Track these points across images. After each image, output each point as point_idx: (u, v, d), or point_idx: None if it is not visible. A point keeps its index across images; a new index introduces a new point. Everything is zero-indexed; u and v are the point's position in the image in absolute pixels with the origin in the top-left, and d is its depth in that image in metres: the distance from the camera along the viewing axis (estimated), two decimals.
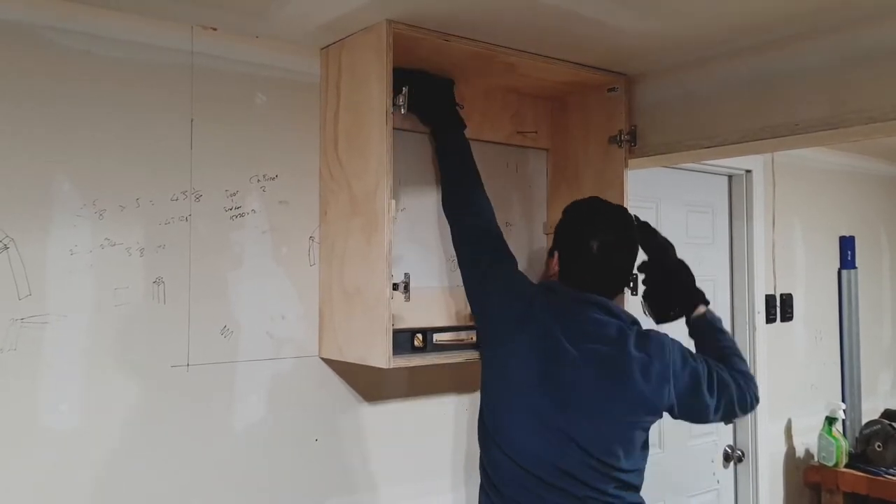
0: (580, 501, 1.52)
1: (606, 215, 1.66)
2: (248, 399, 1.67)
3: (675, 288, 1.76)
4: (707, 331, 1.73)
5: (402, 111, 1.58)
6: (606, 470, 1.53)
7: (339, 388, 1.81)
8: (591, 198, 1.75)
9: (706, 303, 1.77)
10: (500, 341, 1.58)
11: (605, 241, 1.58)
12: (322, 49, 1.76)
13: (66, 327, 1.44)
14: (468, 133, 1.88)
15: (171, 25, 1.57)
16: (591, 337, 1.53)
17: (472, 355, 1.76)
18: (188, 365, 1.58)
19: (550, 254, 1.72)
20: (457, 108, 1.85)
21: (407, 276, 1.60)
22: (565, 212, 1.72)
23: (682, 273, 1.78)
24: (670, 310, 1.76)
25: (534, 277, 1.95)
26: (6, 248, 1.39)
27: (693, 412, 1.56)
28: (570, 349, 1.51)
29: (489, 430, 1.61)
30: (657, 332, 1.58)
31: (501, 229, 1.78)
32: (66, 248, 1.45)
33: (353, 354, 1.65)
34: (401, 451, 1.92)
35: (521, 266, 1.95)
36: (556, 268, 1.65)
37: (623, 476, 1.55)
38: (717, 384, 1.56)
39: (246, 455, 1.66)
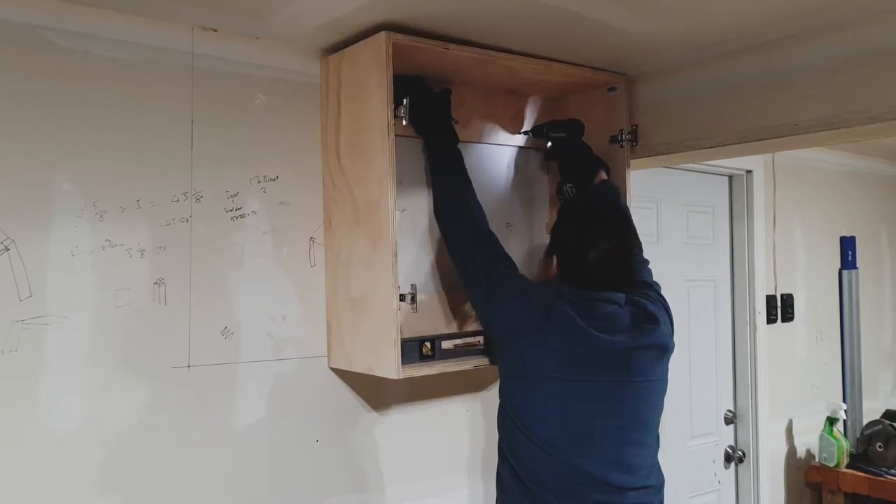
0: (618, 491, 1.55)
1: (604, 221, 1.66)
2: (248, 400, 1.67)
3: (583, 158, 1.97)
4: (611, 195, 1.91)
5: (404, 122, 1.58)
6: (640, 454, 1.59)
7: (340, 388, 1.81)
8: (583, 201, 1.82)
9: (607, 170, 1.95)
10: (521, 340, 1.58)
11: (603, 248, 1.59)
12: (322, 58, 1.76)
13: (66, 328, 1.44)
14: (471, 135, 1.89)
15: (171, 26, 1.57)
16: (612, 327, 1.57)
17: (481, 361, 1.76)
18: (189, 366, 1.58)
19: (548, 255, 1.72)
20: (452, 121, 1.82)
21: (414, 286, 1.59)
22: (560, 214, 1.74)
23: (586, 147, 1.98)
24: (584, 177, 1.94)
25: (534, 278, 1.95)
26: (7, 249, 1.39)
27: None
28: (601, 336, 1.54)
29: (517, 424, 1.60)
30: (637, 299, 1.66)
31: (502, 229, 1.78)
32: (66, 250, 1.45)
33: (362, 364, 1.65)
34: (403, 452, 1.91)
35: (521, 266, 1.95)
36: (556, 271, 1.67)
37: (652, 462, 1.62)
38: (658, 288, 1.80)
39: (247, 455, 1.66)
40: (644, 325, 1.60)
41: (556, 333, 1.54)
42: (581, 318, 1.54)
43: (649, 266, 1.86)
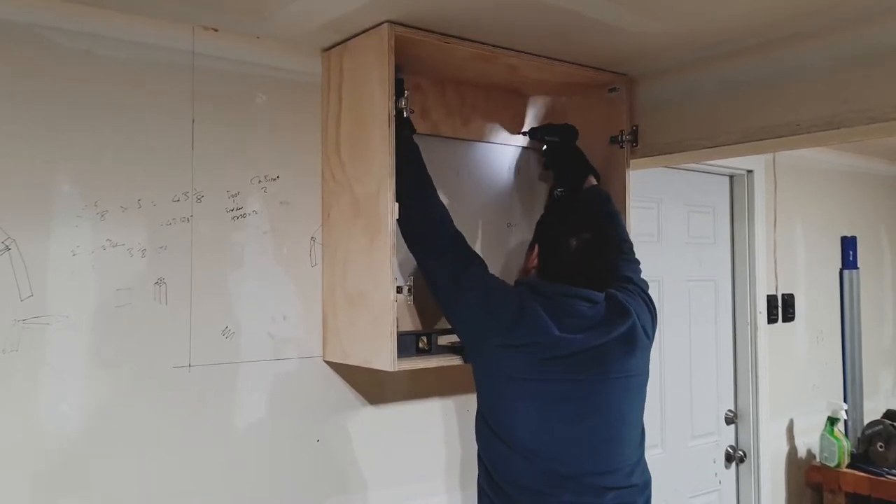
0: (597, 492, 1.54)
1: (587, 213, 1.70)
2: (249, 399, 1.67)
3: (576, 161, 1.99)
4: (601, 198, 1.91)
5: (405, 114, 1.58)
6: (620, 453, 1.57)
7: (340, 388, 1.81)
8: (571, 195, 1.83)
9: (597, 177, 1.97)
10: (490, 343, 1.57)
11: (583, 239, 1.60)
12: (324, 52, 1.76)
13: (67, 328, 1.45)
14: (471, 133, 1.88)
15: (171, 26, 1.57)
16: (583, 325, 1.56)
17: None
18: (189, 366, 1.58)
19: (531, 247, 1.72)
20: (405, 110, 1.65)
21: (411, 279, 1.59)
22: (546, 207, 1.74)
23: (579, 152, 1.99)
24: (573, 182, 1.97)
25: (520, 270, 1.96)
26: (8, 249, 1.39)
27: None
28: (573, 336, 1.53)
29: (492, 428, 1.60)
30: (612, 292, 1.65)
31: (502, 229, 1.78)
32: (67, 249, 1.45)
33: (358, 357, 1.65)
34: (403, 451, 1.91)
35: (517, 266, 1.95)
36: (536, 262, 1.66)
37: (634, 460, 1.60)
38: (643, 284, 1.79)
39: (247, 455, 1.66)
40: (615, 319, 1.58)
41: (526, 335, 1.53)
42: (552, 317, 1.53)
43: (639, 266, 1.85)
